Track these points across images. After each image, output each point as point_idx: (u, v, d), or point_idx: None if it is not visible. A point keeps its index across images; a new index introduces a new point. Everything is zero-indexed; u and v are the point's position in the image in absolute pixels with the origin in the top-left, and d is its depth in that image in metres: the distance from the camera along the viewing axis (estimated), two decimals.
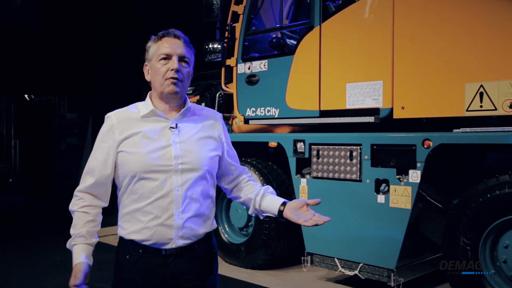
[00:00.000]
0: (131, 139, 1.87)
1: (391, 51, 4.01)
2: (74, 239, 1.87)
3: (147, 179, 1.84)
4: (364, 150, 4.16)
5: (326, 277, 4.89)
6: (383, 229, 4.05)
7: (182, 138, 1.91)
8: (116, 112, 1.96)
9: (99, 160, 1.91)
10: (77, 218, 1.90)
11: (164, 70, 1.88)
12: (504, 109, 3.44)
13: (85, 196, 1.93)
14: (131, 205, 1.88)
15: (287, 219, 1.99)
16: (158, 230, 1.84)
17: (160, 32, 1.96)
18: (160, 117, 1.92)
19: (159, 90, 1.91)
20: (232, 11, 5.35)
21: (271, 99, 4.95)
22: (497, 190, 3.45)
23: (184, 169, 1.87)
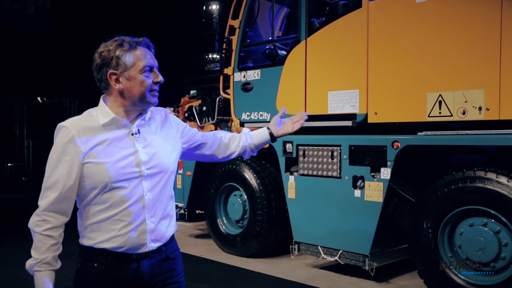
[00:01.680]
0: (95, 149, 1.82)
1: (366, 63, 4.57)
2: (39, 264, 1.80)
3: (118, 188, 1.82)
4: (343, 150, 4.73)
5: (312, 264, 5.46)
6: (359, 220, 4.61)
7: (145, 142, 1.91)
8: (71, 121, 1.86)
9: (62, 174, 1.81)
10: (40, 241, 1.81)
11: (148, 82, 1.87)
12: (458, 115, 3.99)
13: (48, 217, 1.82)
14: (99, 215, 1.84)
15: (279, 136, 2.27)
16: (132, 236, 1.84)
17: (129, 39, 1.88)
18: (122, 124, 1.89)
19: (137, 100, 1.88)
20: (229, 25, 5.92)
21: (263, 105, 5.51)
22: (453, 185, 4.00)
23: (152, 173, 1.89)
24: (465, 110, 3.95)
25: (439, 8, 4.09)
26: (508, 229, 3.76)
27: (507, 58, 3.74)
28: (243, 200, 5.80)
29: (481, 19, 3.87)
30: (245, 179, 5.68)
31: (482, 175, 3.84)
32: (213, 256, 5.89)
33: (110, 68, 1.86)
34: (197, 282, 4.78)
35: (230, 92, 5.95)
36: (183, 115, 7.50)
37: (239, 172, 5.76)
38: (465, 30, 3.97)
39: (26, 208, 9.63)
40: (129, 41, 1.87)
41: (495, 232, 3.84)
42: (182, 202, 6.70)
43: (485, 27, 3.85)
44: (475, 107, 3.90)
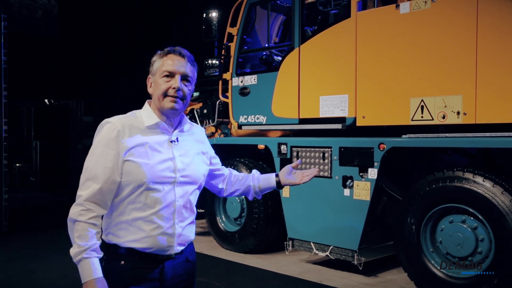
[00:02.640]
0: (138, 148, 1.89)
1: (354, 70, 4.85)
2: (87, 252, 1.81)
3: (153, 189, 1.89)
4: (334, 151, 5.01)
5: (306, 260, 5.75)
6: (348, 217, 4.89)
7: (182, 152, 2.00)
8: (118, 118, 1.95)
9: (106, 166, 1.86)
10: (85, 229, 1.83)
11: (165, 87, 1.93)
12: (438, 119, 4.27)
13: (92, 206, 1.86)
14: (132, 214, 1.90)
15: (285, 185, 2.35)
16: (161, 239, 1.91)
17: (166, 48, 2.00)
18: (164, 130, 1.98)
19: (158, 105, 1.96)
20: (227, 32, 6.22)
21: (260, 108, 5.81)
22: (434, 184, 4.28)
23: (184, 181, 1.98)
24: (445, 115, 4.23)
25: (421, 19, 4.37)
26: (484, 226, 4.03)
27: (482, 67, 4.02)
28: (241, 199, 6.09)
29: (459, 31, 4.14)
30: None
31: (460, 175, 4.12)
32: (212, 252, 6.19)
33: (149, 73, 2.03)
34: (197, 276, 5.07)
35: (229, 96, 6.24)
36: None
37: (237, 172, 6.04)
38: (445, 40, 4.25)
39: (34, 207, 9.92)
40: (166, 50, 1.99)
41: (473, 228, 4.11)
42: None
43: (462, 38, 4.12)
44: (453, 111, 4.18)
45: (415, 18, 4.41)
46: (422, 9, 4.36)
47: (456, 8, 4.17)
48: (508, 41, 3.90)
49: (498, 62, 3.95)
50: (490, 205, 3.91)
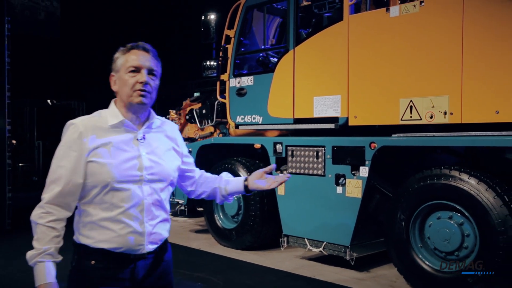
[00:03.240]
0: (101, 148, 1.87)
1: (347, 71, 5.01)
2: (42, 255, 1.81)
3: (119, 189, 1.86)
4: (327, 150, 5.17)
5: (300, 256, 5.91)
6: (341, 214, 5.05)
7: (149, 149, 1.97)
8: (81, 119, 1.93)
9: (67, 168, 1.85)
10: (43, 232, 1.83)
11: (132, 82, 1.90)
12: (426, 119, 4.43)
13: (52, 209, 1.86)
14: (99, 214, 1.88)
15: (254, 190, 2.23)
16: (130, 237, 1.88)
17: (128, 44, 1.97)
18: (129, 128, 1.95)
19: (126, 101, 1.93)
20: (225, 34, 6.39)
21: (256, 108, 5.97)
22: (422, 182, 4.43)
23: (152, 179, 1.94)
24: (433, 114, 4.39)
25: (410, 23, 4.53)
26: (470, 222, 4.18)
27: (468, 68, 4.17)
28: (238, 197, 6.25)
29: (446, 34, 4.30)
30: None
31: (447, 173, 4.27)
32: (210, 248, 6.35)
33: (112, 70, 1.99)
34: (195, 272, 5.25)
35: (226, 96, 6.40)
36: (184, 117, 7.97)
37: (235, 171, 6.20)
38: (432, 43, 4.40)
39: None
40: (128, 45, 1.96)
41: (459, 224, 4.26)
42: (183, 199, 7.17)
43: (449, 41, 4.28)
44: (441, 111, 4.33)
45: (404, 21, 4.56)
46: (411, 12, 4.51)
47: (443, 13, 4.33)
48: (492, 44, 4.05)
49: (483, 64, 4.10)
50: (475, 201, 4.06)
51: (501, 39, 4.01)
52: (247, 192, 2.25)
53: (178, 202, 7.23)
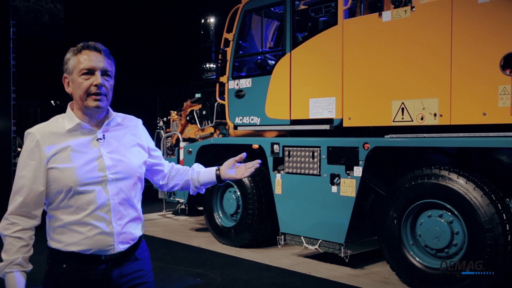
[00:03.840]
0: (60, 154, 1.86)
1: (341, 74, 5.16)
2: (9, 266, 1.82)
3: (83, 192, 1.86)
4: (322, 151, 5.32)
5: (297, 253, 6.07)
6: (335, 213, 5.20)
7: (111, 148, 1.94)
8: (37, 127, 1.91)
9: (27, 178, 1.85)
10: (9, 243, 1.84)
11: (86, 85, 1.86)
12: (417, 120, 4.58)
13: (17, 220, 1.86)
14: (66, 218, 1.87)
15: (226, 180, 2.24)
16: (98, 238, 1.88)
17: (79, 44, 1.93)
18: (86, 130, 1.92)
19: (81, 105, 1.90)
20: (224, 38, 6.55)
21: (254, 110, 6.13)
22: (413, 181, 4.58)
23: (117, 178, 1.92)
24: (423, 116, 4.54)
25: (401, 27, 4.68)
26: (459, 220, 4.33)
27: (457, 72, 4.32)
28: (237, 196, 6.42)
29: (436, 39, 4.45)
30: None
31: (437, 172, 4.42)
32: (210, 246, 6.51)
33: (64, 72, 1.95)
34: (194, 268, 5.42)
35: (225, 98, 6.56)
36: (185, 118, 8.14)
37: None
38: (422, 47, 4.55)
39: None
40: (79, 46, 1.92)
41: (449, 222, 4.41)
42: (183, 198, 7.33)
43: (439, 45, 4.43)
44: (431, 113, 4.48)
45: (396, 26, 4.71)
46: (402, 17, 4.67)
47: (433, 18, 4.47)
48: (479, 49, 4.20)
49: (471, 68, 4.25)
50: (464, 200, 4.21)
51: (488, 45, 4.15)
52: (219, 182, 2.25)
53: (178, 201, 7.40)
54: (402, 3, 4.92)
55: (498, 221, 4.03)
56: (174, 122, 8.49)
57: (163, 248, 6.42)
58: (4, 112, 7.62)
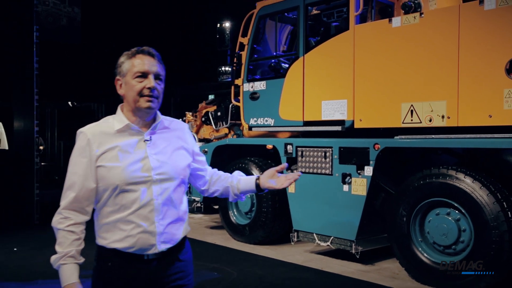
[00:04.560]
0: (108, 153, 1.94)
1: (352, 77, 5.37)
2: (63, 258, 1.90)
3: (128, 191, 1.92)
4: (334, 151, 5.53)
5: (310, 250, 6.28)
6: (347, 211, 5.41)
7: (157, 150, 2.01)
8: (89, 127, 1.99)
9: (79, 174, 1.94)
10: (63, 237, 1.92)
11: (140, 87, 1.94)
12: (426, 122, 4.77)
13: (70, 214, 1.95)
14: (112, 216, 1.95)
15: (266, 189, 2.24)
16: (141, 237, 1.93)
17: (133, 49, 2.01)
18: (135, 131, 1.99)
19: (133, 106, 1.98)
20: (239, 42, 6.78)
21: (268, 111, 6.35)
22: (422, 180, 4.77)
23: (162, 179, 1.98)
24: (431, 118, 4.73)
25: (411, 33, 4.87)
26: (466, 217, 4.51)
27: (464, 76, 4.51)
28: (251, 195, 6.64)
29: (444, 43, 4.64)
30: None
31: (445, 172, 4.61)
32: (225, 243, 6.75)
33: (117, 75, 2.02)
34: (211, 263, 5.65)
35: (240, 100, 6.80)
36: (200, 119, 8.39)
37: (248, 170, 6.59)
38: (431, 52, 4.74)
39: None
40: (133, 50, 2.00)
41: (456, 220, 4.59)
42: (199, 197, 7.58)
43: (446, 50, 4.62)
44: (439, 115, 4.67)
45: (405, 31, 4.91)
46: (411, 23, 4.86)
47: (441, 24, 4.67)
48: (486, 54, 4.38)
49: (477, 72, 4.44)
50: (470, 199, 4.39)
51: (493, 50, 4.33)
52: (258, 191, 2.27)
53: (194, 200, 7.64)
54: (411, 9, 5.13)
55: (504, 219, 4.21)
56: (190, 123, 8.74)
57: None
58: (28, 113, 7.94)
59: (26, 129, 8.13)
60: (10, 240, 6.90)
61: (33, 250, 6.35)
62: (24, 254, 6.17)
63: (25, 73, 7.90)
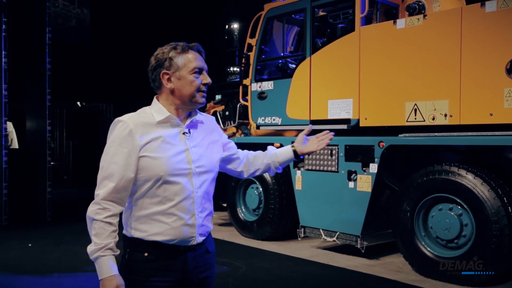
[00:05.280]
0: (152, 143, 1.93)
1: (358, 77, 5.53)
2: (102, 250, 1.87)
3: (171, 182, 1.92)
4: (340, 149, 5.69)
5: (316, 246, 6.45)
6: (352, 206, 5.57)
7: (194, 142, 2.03)
8: (129, 117, 1.97)
9: (120, 164, 1.90)
10: (101, 228, 1.88)
11: (198, 83, 1.98)
12: (429, 120, 4.93)
13: (108, 205, 1.90)
14: (152, 208, 1.94)
15: (304, 154, 2.35)
16: (183, 230, 1.95)
17: (182, 43, 2.04)
18: (176, 123, 2.00)
19: (187, 100, 2.00)
20: (247, 43, 6.96)
21: (275, 111, 6.52)
22: (425, 177, 4.93)
23: (201, 171, 2.01)
24: (434, 116, 4.89)
25: (414, 34, 5.03)
26: (468, 212, 4.66)
27: (466, 75, 4.66)
28: (259, 192, 6.82)
29: (446, 44, 4.80)
30: (261, 174, 6.68)
31: (448, 168, 4.77)
32: (233, 239, 6.93)
33: (163, 68, 1.99)
34: (219, 257, 5.82)
35: (248, 99, 6.97)
36: None
37: None
38: (434, 53, 4.90)
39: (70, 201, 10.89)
40: (182, 45, 2.02)
41: (458, 215, 4.75)
42: None
43: (449, 51, 4.78)
44: (441, 114, 4.83)
45: (409, 33, 5.07)
46: (415, 25, 5.02)
47: (444, 25, 4.83)
48: (487, 54, 4.54)
49: (479, 72, 4.59)
50: (472, 194, 4.55)
51: (494, 51, 4.49)
52: (297, 158, 2.37)
53: None
54: (416, 11, 5.29)
55: (504, 213, 4.37)
56: None
57: None
58: (41, 113, 8.14)
59: (38, 128, 8.33)
60: (24, 236, 7.10)
61: (47, 246, 6.55)
62: (39, 250, 6.36)
63: (38, 74, 8.10)
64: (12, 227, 7.82)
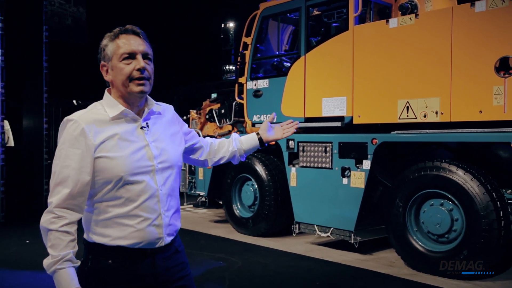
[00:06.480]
0: (108, 142, 1.76)
1: (351, 76, 5.63)
2: (60, 262, 1.69)
3: (133, 182, 1.77)
4: (334, 146, 5.79)
5: (311, 242, 6.55)
6: (346, 202, 5.67)
7: (154, 137, 1.88)
8: (79, 114, 1.78)
9: (73, 168, 1.72)
10: (57, 238, 1.70)
11: (129, 70, 1.78)
12: (420, 118, 5.03)
13: (64, 213, 1.72)
14: (113, 211, 1.78)
15: (268, 142, 2.27)
16: (149, 231, 1.81)
17: (115, 29, 1.84)
18: (130, 117, 1.84)
19: (124, 91, 1.81)
20: (243, 41, 7.05)
21: (271, 108, 6.61)
22: (417, 173, 5.03)
23: (164, 167, 1.86)
24: (426, 114, 4.99)
25: (407, 33, 5.14)
26: (458, 208, 4.77)
27: (456, 74, 4.77)
28: (254, 189, 6.91)
29: (438, 44, 4.90)
30: (256, 171, 6.80)
31: (439, 165, 4.87)
32: (229, 235, 7.02)
33: (101, 60, 1.85)
34: (215, 253, 5.92)
35: (244, 97, 7.06)
36: (204, 117, 8.65)
37: (251, 165, 6.86)
38: (426, 51, 5.01)
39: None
40: (115, 30, 1.83)
41: (449, 210, 4.86)
42: (204, 191, 7.85)
43: (440, 50, 4.88)
44: (433, 111, 4.94)
45: (401, 32, 5.17)
46: (407, 24, 5.12)
47: (435, 25, 4.93)
48: (477, 53, 4.65)
49: (469, 70, 4.70)
50: (462, 190, 4.66)
51: (484, 49, 4.60)
52: (261, 146, 2.28)
53: (199, 194, 7.91)
54: (408, 10, 5.40)
55: (493, 208, 4.48)
56: (194, 121, 9.01)
57: (185, 237, 6.92)
58: (38, 112, 8.21)
59: (35, 127, 8.41)
60: (22, 233, 7.17)
61: None
62: (36, 246, 6.43)
63: (35, 72, 8.17)
64: (9, 225, 7.89)
